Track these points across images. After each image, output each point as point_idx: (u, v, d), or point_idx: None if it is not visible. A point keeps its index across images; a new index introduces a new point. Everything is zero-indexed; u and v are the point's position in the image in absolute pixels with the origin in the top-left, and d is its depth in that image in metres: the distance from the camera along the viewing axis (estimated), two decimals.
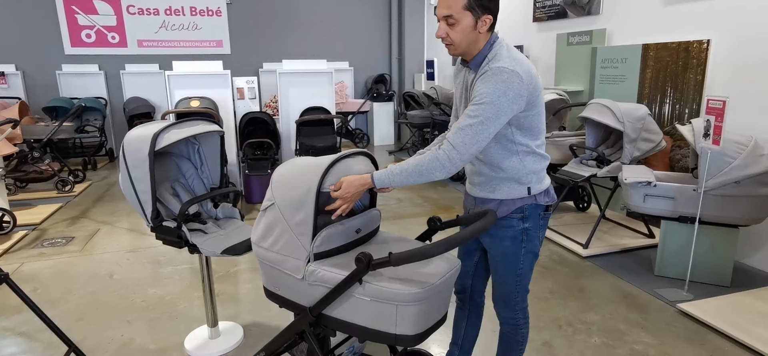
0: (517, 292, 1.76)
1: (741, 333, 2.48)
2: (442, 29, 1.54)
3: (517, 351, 1.85)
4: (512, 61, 1.49)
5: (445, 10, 1.50)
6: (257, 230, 1.67)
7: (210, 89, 5.03)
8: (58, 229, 4.34)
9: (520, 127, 1.57)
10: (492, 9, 1.51)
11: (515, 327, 1.81)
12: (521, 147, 1.60)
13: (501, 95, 1.44)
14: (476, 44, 1.55)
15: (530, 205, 1.65)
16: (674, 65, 3.84)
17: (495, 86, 1.45)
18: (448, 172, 1.48)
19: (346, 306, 1.52)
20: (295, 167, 1.62)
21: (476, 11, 1.49)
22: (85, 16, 7.52)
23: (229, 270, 3.41)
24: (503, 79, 1.45)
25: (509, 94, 1.45)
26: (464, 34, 1.52)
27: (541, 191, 1.67)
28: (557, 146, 4.23)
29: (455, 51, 1.58)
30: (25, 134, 5.37)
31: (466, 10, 1.48)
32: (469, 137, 1.45)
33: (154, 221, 2.10)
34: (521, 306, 1.79)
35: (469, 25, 1.50)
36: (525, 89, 1.48)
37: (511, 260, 1.70)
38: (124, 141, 2.08)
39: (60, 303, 2.97)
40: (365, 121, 9.06)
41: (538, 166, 1.64)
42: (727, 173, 2.79)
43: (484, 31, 1.53)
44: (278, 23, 8.49)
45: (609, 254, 3.59)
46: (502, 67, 1.46)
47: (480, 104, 1.45)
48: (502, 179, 1.65)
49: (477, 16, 1.50)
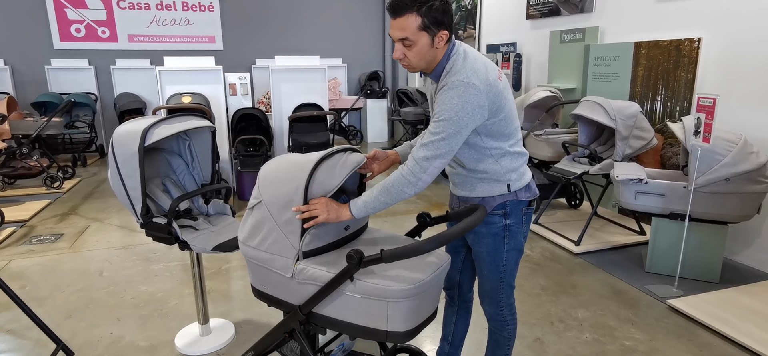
0: (502, 289, 1.75)
1: (729, 328, 2.51)
2: (398, 51, 1.52)
3: (505, 348, 1.86)
4: (469, 71, 1.46)
5: (400, 34, 1.47)
6: (244, 228, 1.65)
7: (202, 84, 4.98)
8: (47, 226, 4.28)
9: (489, 134, 1.56)
10: (446, 23, 1.48)
11: (501, 323, 1.81)
12: (494, 151, 1.60)
13: (459, 109, 1.43)
14: (435, 59, 1.54)
15: (511, 202, 1.66)
16: (666, 63, 3.86)
17: (452, 102, 1.44)
18: (416, 188, 1.48)
19: (336, 304, 1.51)
20: (282, 165, 1.60)
21: (431, 30, 1.47)
22: (74, 10, 7.43)
23: (220, 267, 3.39)
24: (459, 93, 1.44)
25: (467, 108, 1.44)
26: (421, 54, 1.50)
27: (522, 187, 1.67)
28: (550, 144, 4.25)
29: (412, 70, 1.58)
30: (13, 129, 5.29)
31: (421, 31, 1.46)
32: (431, 152, 1.46)
33: (144, 218, 2.08)
34: (507, 303, 1.79)
35: (426, 44, 1.49)
36: (484, 99, 1.47)
37: (495, 258, 1.70)
38: (113, 137, 2.05)
39: (48, 301, 2.93)
40: (358, 118, 9.04)
41: (515, 163, 1.64)
42: (717, 171, 2.81)
43: (442, 45, 1.51)
44: (271, 19, 8.44)
45: (600, 251, 3.61)
46: (457, 80, 1.45)
47: (440, 120, 1.45)
48: (479, 179, 1.65)
49: (433, 34, 1.48)
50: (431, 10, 1.44)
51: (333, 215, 1.50)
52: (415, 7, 1.43)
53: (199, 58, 5.02)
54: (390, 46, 9.19)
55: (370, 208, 1.50)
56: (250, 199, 1.64)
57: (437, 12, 1.45)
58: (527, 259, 3.51)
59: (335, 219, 1.51)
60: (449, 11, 1.49)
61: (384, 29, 9.17)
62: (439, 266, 1.54)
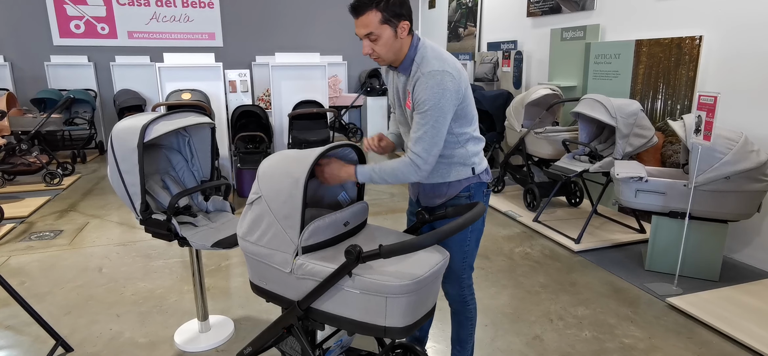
0: (464, 269, 1.87)
1: (728, 326, 2.51)
2: (367, 47, 1.63)
3: (469, 326, 1.96)
4: (440, 61, 1.60)
5: (365, 30, 1.59)
6: (243, 224, 1.65)
7: (202, 81, 4.97)
8: (47, 222, 4.28)
9: (457, 118, 1.69)
10: (405, 14, 1.61)
11: (463, 303, 1.92)
12: (462, 136, 1.73)
13: (440, 97, 1.56)
14: (402, 50, 1.66)
15: (475, 184, 1.80)
16: (667, 61, 3.86)
17: (432, 91, 1.56)
18: (421, 176, 1.63)
19: (335, 299, 1.51)
20: (281, 160, 1.61)
21: (392, 22, 1.59)
22: (74, 6, 7.41)
23: (220, 264, 3.39)
24: (437, 81, 1.56)
25: (446, 94, 1.57)
26: (388, 45, 1.62)
27: (483, 169, 1.82)
28: (550, 141, 4.24)
29: (383, 63, 1.69)
30: (12, 125, 5.29)
31: (383, 24, 1.58)
32: (427, 143, 1.59)
33: (143, 214, 2.08)
34: (467, 283, 1.91)
35: (390, 36, 1.60)
36: (458, 84, 1.61)
37: (460, 239, 1.81)
38: (112, 132, 2.04)
39: (48, 297, 2.93)
40: (359, 115, 9.03)
41: (477, 147, 1.80)
42: (717, 169, 2.81)
43: (405, 36, 1.64)
44: (271, 16, 8.42)
45: (600, 249, 3.61)
46: (433, 70, 1.58)
47: (425, 112, 1.57)
48: (451, 164, 1.77)
49: (395, 26, 1.60)
50: (389, 4, 1.57)
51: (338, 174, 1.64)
52: (374, 4, 1.56)
53: (198, 55, 5.01)
54: None
55: (375, 178, 1.63)
56: (250, 194, 1.64)
57: (395, 5, 1.58)
58: (527, 257, 3.51)
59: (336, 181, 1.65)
60: (406, 3, 1.61)
61: None
62: (439, 262, 1.54)
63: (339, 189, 1.85)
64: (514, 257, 3.50)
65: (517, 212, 4.41)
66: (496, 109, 5.18)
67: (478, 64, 6.59)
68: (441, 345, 2.43)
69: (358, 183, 1.84)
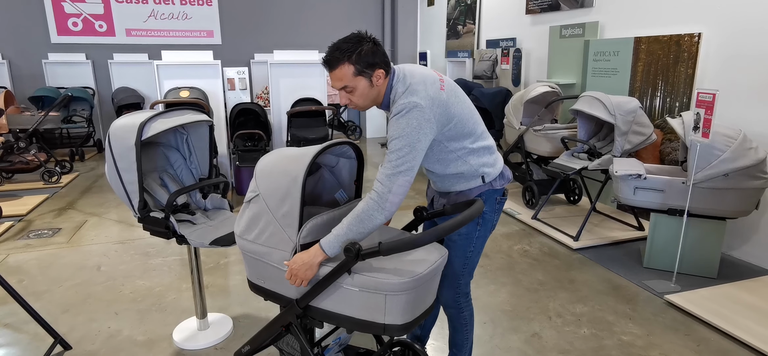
0: (463, 274, 1.82)
1: (726, 323, 2.52)
2: (343, 98, 1.61)
3: (464, 332, 1.93)
4: (409, 94, 1.53)
5: (340, 83, 1.56)
6: (241, 222, 1.64)
7: (200, 79, 4.96)
8: (45, 220, 4.27)
9: (448, 138, 1.63)
10: (379, 63, 1.56)
11: (457, 309, 1.89)
12: (459, 151, 1.67)
13: (409, 130, 1.50)
14: (379, 96, 1.62)
15: (487, 191, 1.74)
16: (665, 58, 3.85)
17: (400, 126, 1.51)
18: (387, 211, 1.47)
19: (334, 297, 1.51)
20: (279, 158, 1.60)
21: (366, 73, 1.55)
22: (71, 4, 7.38)
23: (218, 262, 3.38)
24: (404, 115, 1.51)
25: (414, 124, 1.50)
26: (364, 95, 1.59)
27: (495, 176, 1.74)
28: (549, 139, 4.24)
29: (362, 109, 1.66)
30: (10, 123, 5.27)
31: (357, 76, 1.55)
32: (390, 170, 1.48)
33: (141, 212, 2.07)
34: (464, 290, 1.86)
35: (365, 86, 1.57)
36: (429, 113, 1.53)
37: (464, 243, 1.76)
38: (110, 130, 2.04)
39: (46, 295, 2.93)
40: (357, 113, 9.02)
41: (483, 158, 1.71)
42: (716, 166, 2.81)
43: (381, 82, 1.59)
44: (270, 13, 8.40)
45: (599, 247, 3.61)
46: (401, 104, 1.52)
47: (392, 141, 1.52)
48: (453, 177, 1.73)
49: (369, 76, 1.56)
50: (361, 56, 1.53)
51: (309, 271, 1.47)
52: (346, 58, 1.53)
53: (197, 53, 5.00)
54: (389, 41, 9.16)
55: (342, 240, 1.46)
56: (248, 192, 1.63)
57: (367, 55, 1.54)
58: (526, 254, 3.51)
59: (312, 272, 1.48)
60: (379, 50, 1.57)
61: (383, 25, 9.14)
62: (437, 259, 1.54)
63: (336, 187, 1.84)
64: (512, 255, 3.50)
65: (515, 210, 4.41)
66: (494, 106, 5.17)
67: (477, 61, 6.59)
68: (439, 343, 2.43)
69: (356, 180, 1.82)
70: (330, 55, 1.55)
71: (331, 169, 1.83)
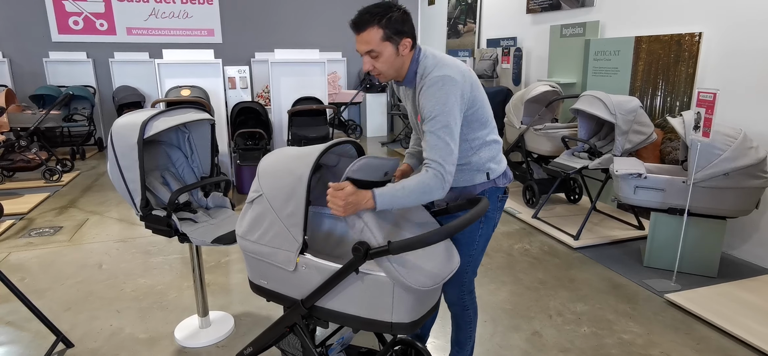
0: (467, 273, 1.83)
1: (726, 322, 2.52)
2: (368, 63, 1.60)
3: (468, 330, 1.94)
4: (442, 67, 1.56)
5: (366, 47, 1.57)
6: (243, 222, 1.63)
7: (201, 78, 4.96)
8: (46, 219, 4.28)
9: (468, 123, 1.65)
10: (407, 32, 1.58)
11: (462, 307, 1.89)
12: (474, 142, 1.69)
13: (445, 101, 1.52)
14: (403, 67, 1.63)
15: (490, 189, 1.76)
16: (666, 58, 3.86)
17: (436, 98, 1.52)
18: (444, 188, 1.51)
19: (340, 297, 1.50)
20: (283, 157, 1.59)
21: (394, 39, 1.56)
22: (72, 2, 7.38)
23: (219, 260, 3.39)
24: (439, 87, 1.53)
25: (451, 98, 1.53)
26: (389, 62, 1.59)
27: (499, 174, 1.77)
28: (549, 138, 4.25)
29: (385, 79, 1.66)
30: (11, 122, 5.28)
31: (384, 42, 1.56)
32: (442, 150, 1.50)
33: (143, 210, 2.08)
34: (468, 288, 1.88)
35: (391, 53, 1.58)
36: (461, 87, 1.56)
37: (467, 242, 1.77)
38: (112, 129, 2.04)
39: (48, 293, 2.93)
40: (358, 112, 9.02)
41: (492, 152, 1.74)
42: (716, 166, 2.81)
43: (407, 53, 1.60)
44: (270, 12, 8.40)
45: (599, 246, 3.62)
46: (435, 77, 1.54)
47: (432, 118, 1.52)
48: (465, 170, 1.73)
49: (396, 43, 1.57)
50: (391, 21, 1.54)
51: (350, 208, 1.42)
52: (376, 21, 1.54)
53: (197, 52, 5.00)
54: None
55: (396, 201, 1.46)
56: (250, 192, 1.62)
57: (397, 22, 1.55)
58: (526, 253, 3.51)
59: (352, 211, 1.43)
60: (409, 20, 1.58)
61: None
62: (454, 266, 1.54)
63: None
64: (513, 254, 3.51)
65: (516, 209, 4.42)
66: (495, 106, 5.18)
67: (478, 60, 6.59)
68: (440, 341, 2.44)
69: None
70: (359, 17, 1.55)
71: (332, 168, 1.83)
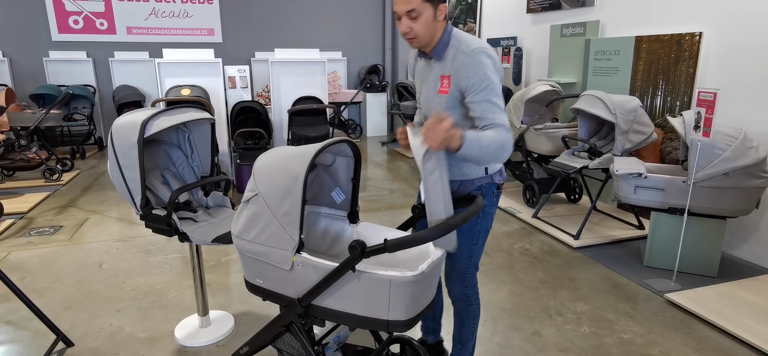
0: (469, 268, 1.85)
1: (727, 322, 2.52)
2: (405, 24, 1.61)
3: (470, 326, 1.95)
4: (480, 42, 1.63)
5: (406, 6, 1.57)
6: (239, 222, 1.62)
7: (201, 77, 4.96)
8: (46, 218, 4.28)
9: None
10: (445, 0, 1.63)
11: (466, 302, 1.91)
12: None
13: (491, 71, 1.58)
14: (436, 34, 1.66)
15: (487, 184, 1.78)
16: (666, 58, 3.85)
17: (483, 67, 1.57)
18: (511, 149, 1.58)
19: (337, 295, 1.50)
20: (279, 157, 1.59)
21: (434, 2, 1.60)
22: (72, 1, 7.38)
23: (219, 260, 3.39)
24: (484, 58, 1.58)
25: (493, 67, 1.60)
26: (426, 25, 1.61)
27: (496, 170, 1.79)
28: (549, 138, 4.24)
29: (419, 43, 1.67)
30: (11, 121, 5.28)
31: (425, 2, 1.58)
32: (501, 113, 1.58)
33: (143, 209, 2.08)
34: (471, 283, 1.89)
35: (430, 16, 1.60)
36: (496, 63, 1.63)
37: (467, 237, 1.79)
38: (112, 128, 2.04)
39: (48, 292, 2.93)
40: (358, 111, 9.02)
41: None
42: (717, 165, 2.81)
43: (442, 19, 1.64)
44: (271, 12, 8.40)
45: (599, 245, 3.62)
46: (476, 48, 1.59)
47: (483, 88, 1.57)
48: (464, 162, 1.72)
49: (435, 6, 1.60)
50: None
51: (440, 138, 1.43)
52: None
53: (198, 51, 5.00)
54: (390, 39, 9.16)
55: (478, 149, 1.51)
56: (245, 192, 1.61)
57: None
58: (526, 253, 3.51)
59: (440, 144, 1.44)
60: None
61: (384, 23, 9.14)
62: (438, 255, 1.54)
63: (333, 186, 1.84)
64: (513, 253, 3.51)
65: (516, 209, 4.42)
66: None
67: None
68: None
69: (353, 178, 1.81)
70: None
71: (327, 168, 1.82)
